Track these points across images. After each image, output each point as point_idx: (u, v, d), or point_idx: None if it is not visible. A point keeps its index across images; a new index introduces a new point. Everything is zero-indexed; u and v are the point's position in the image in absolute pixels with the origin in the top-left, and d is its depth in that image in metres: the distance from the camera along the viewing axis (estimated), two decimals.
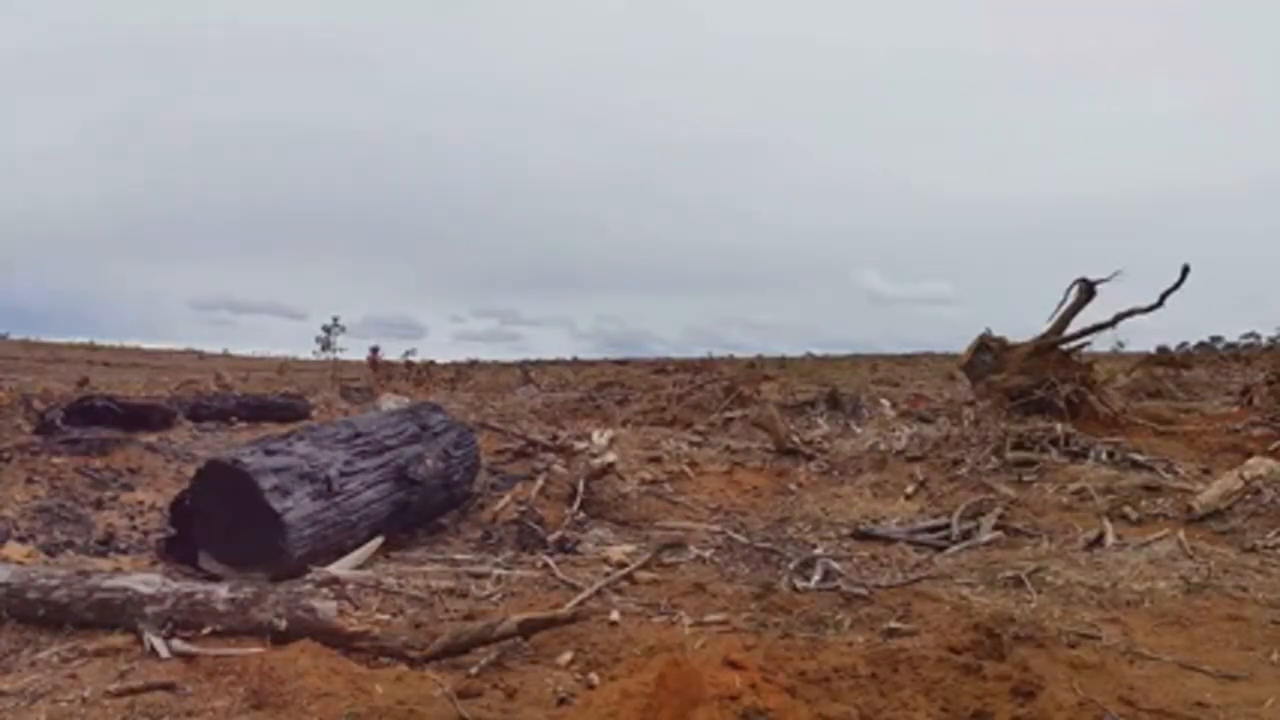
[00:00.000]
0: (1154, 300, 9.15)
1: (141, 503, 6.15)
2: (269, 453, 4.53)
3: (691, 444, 9.11)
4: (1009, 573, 4.61)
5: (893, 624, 3.76)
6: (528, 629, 3.34)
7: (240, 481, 4.26)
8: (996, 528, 5.70)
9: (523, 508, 5.72)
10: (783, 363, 29.91)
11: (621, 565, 4.76)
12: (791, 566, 4.78)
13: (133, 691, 2.82)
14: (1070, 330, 9.38)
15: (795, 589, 4.39)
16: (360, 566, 4.50)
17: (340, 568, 4.32)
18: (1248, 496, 5.68)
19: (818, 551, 5.26)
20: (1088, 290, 9.32)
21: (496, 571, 4.60)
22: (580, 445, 7.72)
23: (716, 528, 5.97)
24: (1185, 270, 8.96)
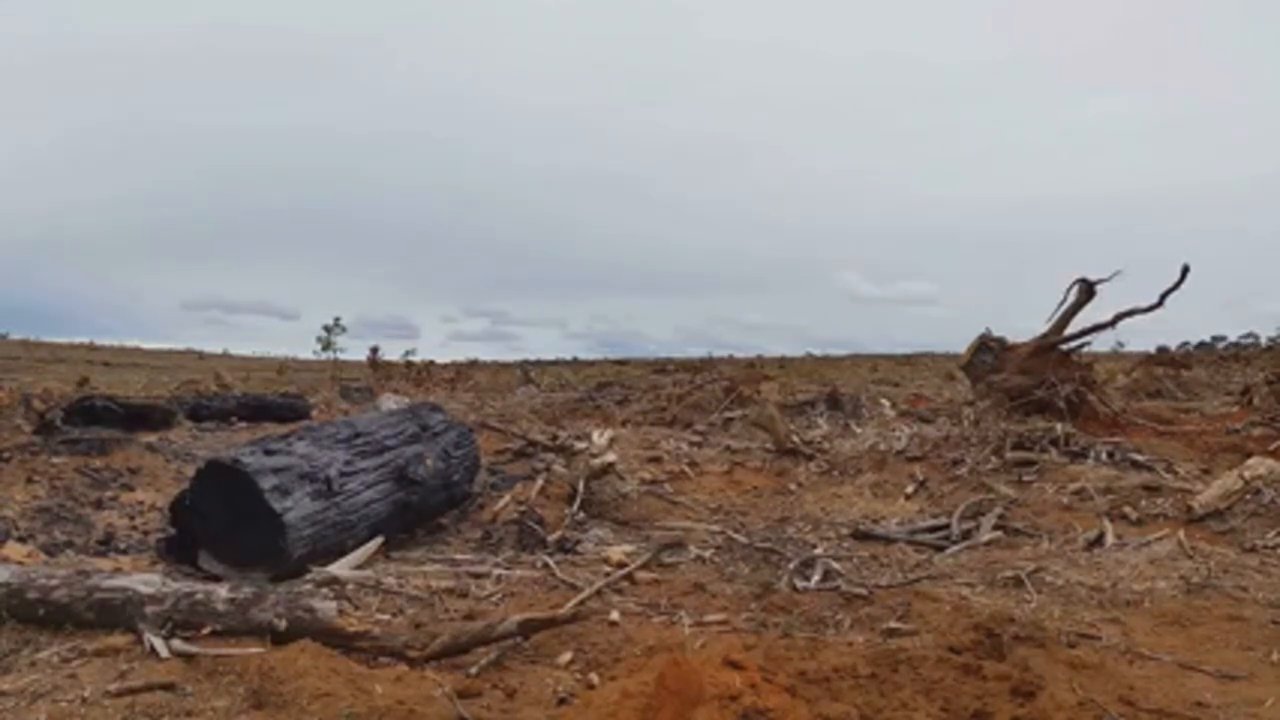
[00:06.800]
0: (1154, 300, 9.15)
1: (141, 503, 6.15)
2: (269, 453, 4.53)
3: (691, 444, 9.11)
4: (1009, 573, 4.61)
5: (893, 624, 3.76)
6: (528, 629, 3.34)
7: (240, 481, 4.26)
8: (996, 528, 5.70)
9: (523, 508, 5.72)
10: (783, 363, 29.96)
11: (621, 565, 4.76)
12: (791, 566, 4.78)
13: (133, 691, 2.82)
14: (1070, 330, 9.38)
15: (795, 589, 4.38)
16: (360, 566, 4.50)
17: (340, 568, 4.32)
18: (1248, 496, 5.68)
19: (818, 551, 5.26)
20: (1088, 290, 9.31)
21: (496, 571, 4.60)
22: (580, 445, 7.71)
23: (716, 528, 5.97)
24: (1185, 270, 8.96)
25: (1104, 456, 7.05)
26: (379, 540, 4.81)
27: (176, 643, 3.16)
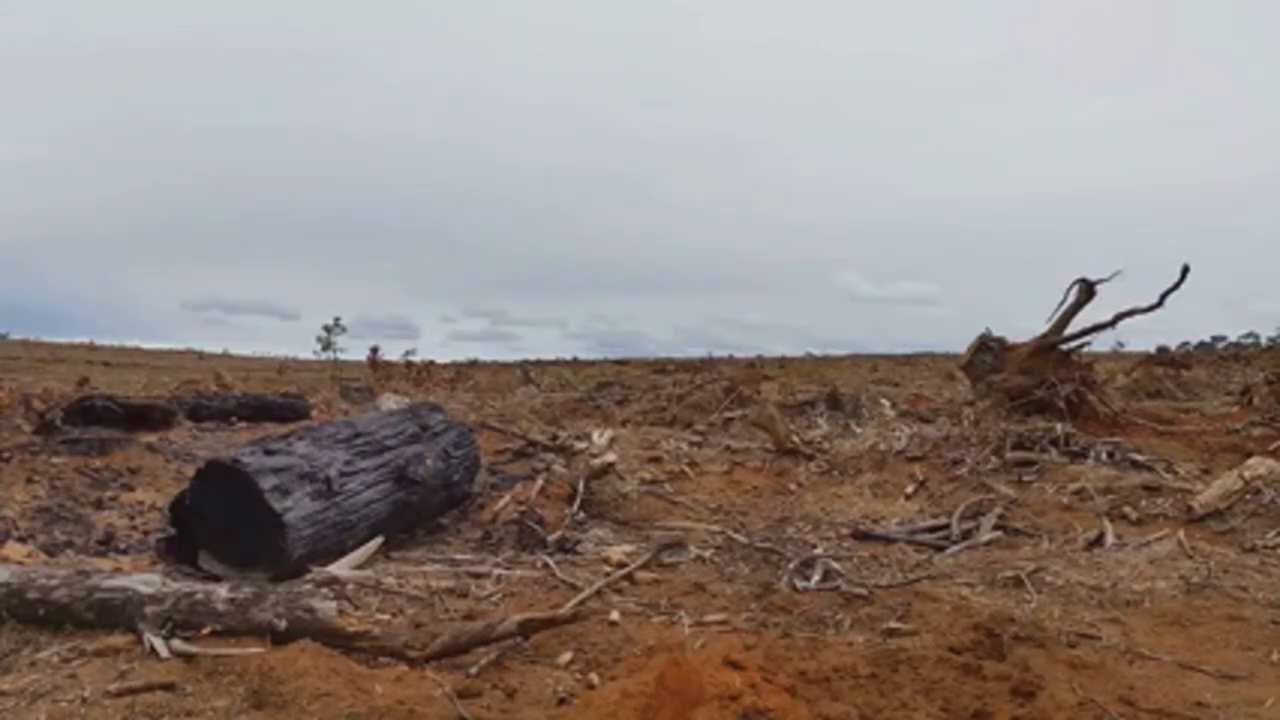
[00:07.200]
0: (1154, 300, 9.15)
1: (141, 503, 6.15)
2: (269, 453, 4.53)
3: (691, 444, 9.11)
4: (1009, 573, 4.61)
5: (893, 624, 3.76)
6: (528, 629, 3.34)
7: (240, 481, 4.26)
8: (996, 528, 5.70)
9: (523, 508, 5.72)
10: (783, 363, 29.96)
11: (621, 565, 4.76)
12: (791, 566, 4.78)
13: (133, 691, 2.82)
14: (1070, 330, 9.38)
15: (795, 589, 4.38)
16: (360, 566, 4.50)
17: (340, 568, 4.32)
18: (1248, 496, 5.68)
19: (818, 551, 5.26)
20: (1088, 290, 9.31)
21: (496, 571, 4.60)
22: (580, 445, 7.72)
23: (716, 528, 5.97)
24: (1185, 270, 8.96)
25: (1104, 456, 7.05)
26: (379, 540, 4.81)
27: (176, 643, 3.17)
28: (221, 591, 3.40)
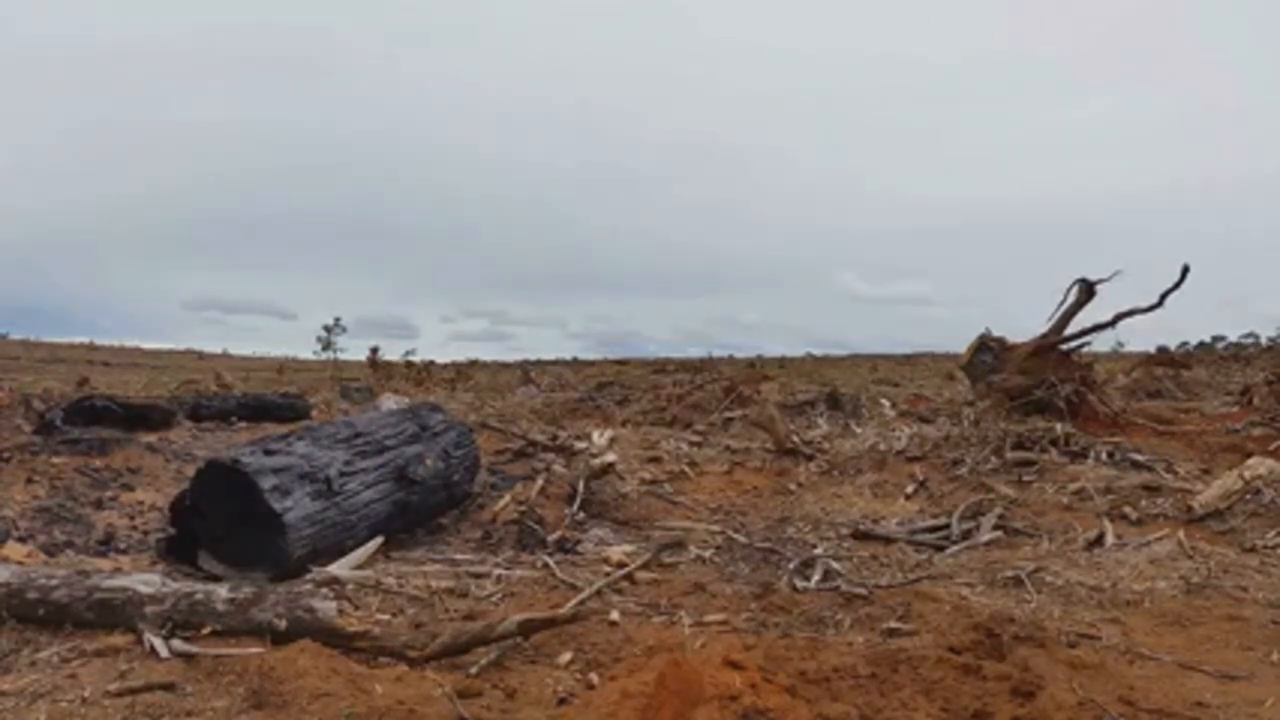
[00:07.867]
0: (1154, 300, 9.15)
1: (141, 503, 6.15)
2: (269, 453, 4.53)
3: (691, 444, 9.11)
4: (1009, 573, 4.61)
5: (893, 624, 3.76)
6: (528, 629, 3.34)
7: (240, 481, 4.26)
8: (996, 528, 5.70)
9: (523, 508, 5.72)
10: (783, 363, 29.98)
11: (621, 565, 4.76)
12: (791, 566, 4.78)
13: (133, 691, 2.82)
14: (1070, 330, 9.38)
15: (795, 589, 4.38)
16: (360, 566, 4.50)
17: (340, 568, 4.32)
18: (1248, 496, 5.68)
19: (818, 551, 5.26)
20: (1088, 290, 9.32)
21: (496, 571, 4.60)
22: (580, 445, 7.72)
23: (716, 528, 5.97)
24: (1185, 270, 8.97)
25: (1104, 456, 7.05)
26: (379, 540, 4.81)
27: (176, 643, 3.17)
28: (221, 591, 3.40)
